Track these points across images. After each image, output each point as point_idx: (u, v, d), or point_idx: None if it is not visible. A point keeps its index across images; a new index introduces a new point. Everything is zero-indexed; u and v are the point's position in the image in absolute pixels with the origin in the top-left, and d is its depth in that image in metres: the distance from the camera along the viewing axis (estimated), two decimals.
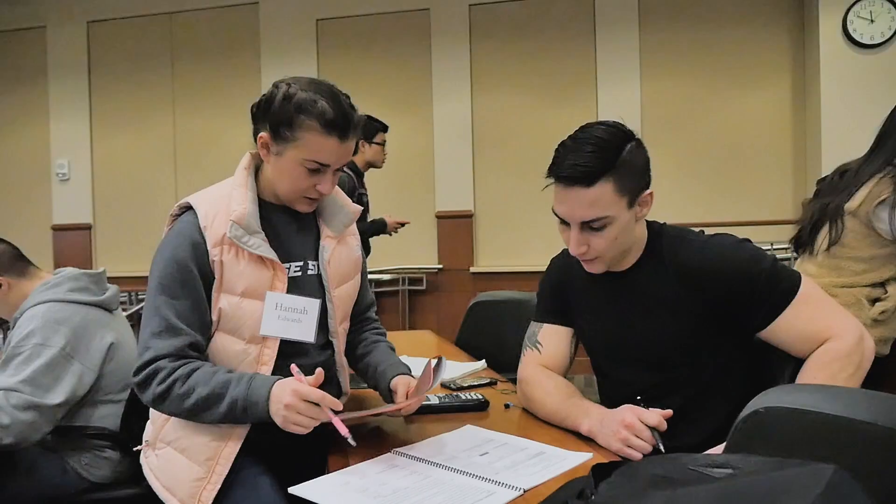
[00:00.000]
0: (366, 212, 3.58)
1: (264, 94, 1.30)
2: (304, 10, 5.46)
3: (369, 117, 3.43)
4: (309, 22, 5.47)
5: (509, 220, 5.26)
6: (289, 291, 1.32)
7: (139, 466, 1.87)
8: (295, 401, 1.13)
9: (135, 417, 1.82)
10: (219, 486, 1.25)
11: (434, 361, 1.26)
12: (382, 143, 3.61)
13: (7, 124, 5.94)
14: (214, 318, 1.29)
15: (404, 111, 5.20)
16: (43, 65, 5.82)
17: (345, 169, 3.26)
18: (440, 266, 5.26)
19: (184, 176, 5.73)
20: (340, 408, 1.17)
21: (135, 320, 5.06)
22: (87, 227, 5.80)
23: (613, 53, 5.11)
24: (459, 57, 5.29)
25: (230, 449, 1.26)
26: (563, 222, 1.30)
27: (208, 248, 1.25)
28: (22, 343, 1.72)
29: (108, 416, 1.86)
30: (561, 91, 5.22)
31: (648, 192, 1.30)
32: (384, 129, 3.62)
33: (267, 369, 1.29)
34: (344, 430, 1.13)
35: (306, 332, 1.32)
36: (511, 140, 5.26)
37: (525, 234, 5.16)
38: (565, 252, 1.46)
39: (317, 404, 1.14)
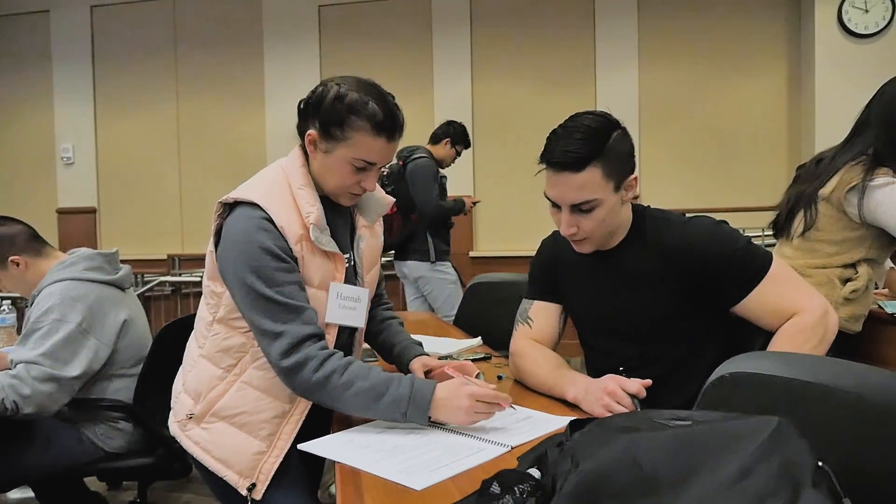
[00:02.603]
0: (445, 193, 3.89)
1: (313, 92, 1.33)
2: None
3: (465, 130, 3.95)
4: (311, 8, 5.50)
5: (509, 205, 5.31)
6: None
7: (152, 437, 1.98)
8: (472, 403, 1.18)
9: (148, 391, 1.92)
10: (280, 460, 1.30)
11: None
12: (458, 154, 3.98)
13: (12, 108, 5.97)
14: None
15: (405, 97, 5.10)
16: (47, 49, 5.84)
17: (423, 155, 3.58)
18: None
19: (187, 160, 5.79)
20: (508, 400, 1.22)
21: (141, 301, 5.13)
22: (92, 211, 5.87)
23: (612, 41, 5.16)
24: (460, 43, 5.33)
25: (291, 426, 1.32)
26: (555, 205, 1.38)
27: (291, 244, 1.28)
28: (41, 319, 1.80)
29: (121, 389, 1.94)
30: (560, 78, 5.26)
31: (633, 176, 1.38)
32: (468, 146, 4.03)
33: None
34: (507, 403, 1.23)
35: (359, 319, 1.40)
36: (510, 126, 5.31)
37: (524, 219, 5.21)
38: (555, 233, 1.54)
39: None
